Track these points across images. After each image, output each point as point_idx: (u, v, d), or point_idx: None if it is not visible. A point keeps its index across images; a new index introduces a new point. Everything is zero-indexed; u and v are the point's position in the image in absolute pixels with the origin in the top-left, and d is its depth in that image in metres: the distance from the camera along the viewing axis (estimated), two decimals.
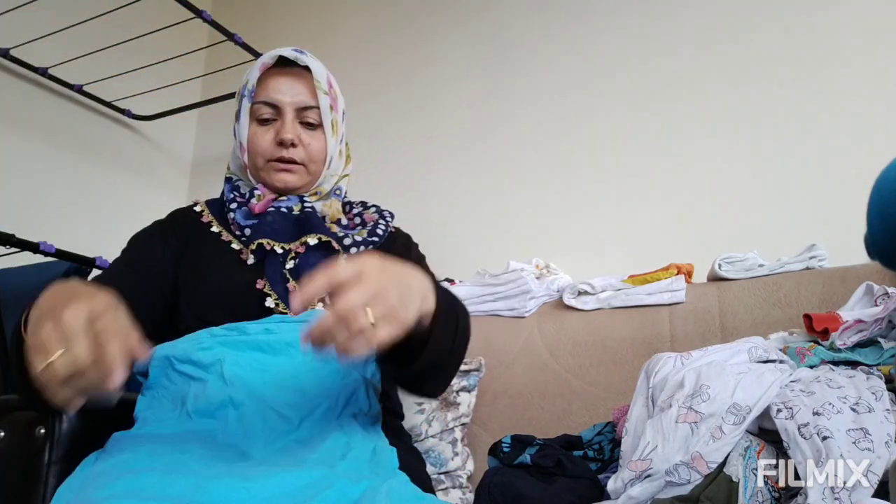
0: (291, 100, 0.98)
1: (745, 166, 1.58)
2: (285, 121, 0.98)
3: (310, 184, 1.01)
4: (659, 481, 0.75)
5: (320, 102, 0.99)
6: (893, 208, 0.40)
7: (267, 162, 0.98)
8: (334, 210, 1.03)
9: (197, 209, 1.03)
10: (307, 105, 0.98)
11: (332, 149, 1.01)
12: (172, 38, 1.91)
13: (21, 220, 1.71)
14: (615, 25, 1.83)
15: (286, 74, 0.99)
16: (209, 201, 1.05)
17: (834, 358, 0.94)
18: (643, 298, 1.38)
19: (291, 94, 0.98)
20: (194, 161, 2.45)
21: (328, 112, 0.99)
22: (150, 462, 0.65)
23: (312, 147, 0.99)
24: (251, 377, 0.75)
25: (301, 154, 0.98)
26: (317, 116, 0.99)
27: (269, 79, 0.99)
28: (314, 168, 1.00)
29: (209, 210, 1.02)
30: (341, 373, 0.80)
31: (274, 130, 0.98)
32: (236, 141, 1.02)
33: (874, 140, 1.44)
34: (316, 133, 1.00)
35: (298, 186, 1.00)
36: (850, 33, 1.54)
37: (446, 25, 2.10)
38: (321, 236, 0.94)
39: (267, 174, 0.99)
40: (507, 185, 1.87)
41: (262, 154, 0.98)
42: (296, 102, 0.98)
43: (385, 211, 1.08)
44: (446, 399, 1.36)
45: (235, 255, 0.93)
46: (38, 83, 1.94)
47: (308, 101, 0.98)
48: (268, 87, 0.98)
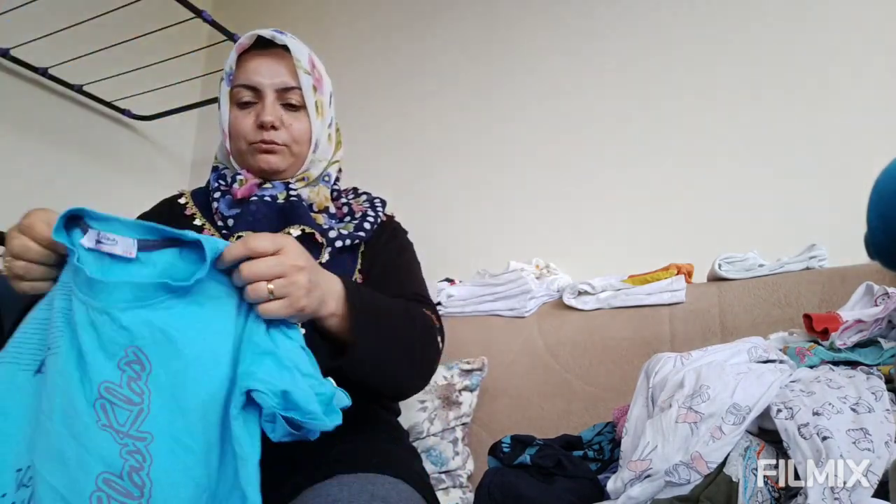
0: (271, 81, 0.95)
1: (745, 166, 1.58)
2: (265, 103, 0.94)
3: (294, 166, 0.98)
4: (659, 481, 0.75)
5: (301, 82, 0.96)
6: (893, 208, 0.40)
7: (249, 145, 0.96)
8: (322, 198, 1.00)
9: (181, 201, 1.01)
10: (288, 86, 0.95)
11: (317, 131, 0.98)
12: (172, 38, 1.90)
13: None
14: (615, 25, 1.83)
15: (265, 56, 0.96)
16: (195, 191, 1.04)
17: (834, 358, 0.94)
18: (643, 298, 1.38)
19: (270, 76, 0.95)
20: (194, 161, 2.45)
21: (311, 93, 0.96)
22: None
23: (295, 128, 0.96)
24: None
25: (283, 136, 0.95)
26: (299, 97, 0.96)
27: (247, 61, 0.96)
28: (298, 149, 0.97)
29: (193, 201, 1.01)
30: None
31: (254, 114, 0.95)
32: (220, 129, 1.00)
33: (874, 140, 1.44)
34: (298, 114, 0.97)
35: (283, 168, 0.97)
36: (851, 34, 1.54)
37: (445, 25, 2.10)
38: (305, 227, 0.92)
39: (251, 157, 0.96)
40: (508, 185, 1.87)
41: (243, 138, 0.96)
42: (275, 84, 0.95)
43: (376, 199, 1.05)
44: (448, 398, 1.36)
45: None
46: (38, 83, 1.94)
47: (288, 82, 0.95)
48: (247, 69, 0.96)
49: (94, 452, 0.55)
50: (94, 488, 0.53)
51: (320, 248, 0.92)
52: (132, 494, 0.54)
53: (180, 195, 1.03)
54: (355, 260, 0.97)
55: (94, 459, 0.54)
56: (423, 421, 1.32)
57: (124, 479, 0.54)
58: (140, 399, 0.57)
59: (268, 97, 0.95)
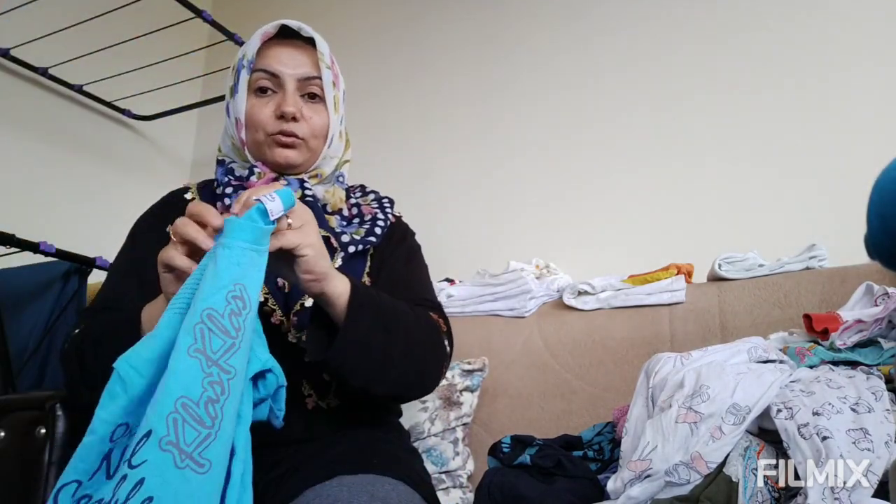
0: (293, 71, 0.93)
1: (745, 166, 1.58)
2: (287, 92, 0.93)
3: (310, 161, 0.97)
4: (659, 481, 0.75)
5: (323, 75, 0.94)
6: (893, 208, 0.40)
7: (267, 136, 0.93)
8: (337, 199, 0.99)
9: (188, 196, 1.00)
10: (310, 76, 0.94)
11: (333, 126, 0.97)
12: (172, 38, 1.91)
13: (21, 220, 1.71)
14: (615, 25, 1.83)
15: (288, 45, 0.95)
16: (201, 185, 1.02)
17: (834, 358, 0.94)
18: (643, 298, 1.38)
19: (293, 65, 0.93)
20: (194, 161, 2.45)
21: (331, 87, 0.95)
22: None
23: (314, 121, 0.94)
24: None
25: (303, 129, 0.94)
26: (319, 88, 0.95)
27: (269, 49, 0.95)
28: (315, 144, 0.96)
29: (200, 195, 0.99)
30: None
31: (274, 103, 0.93)
32: (230, 119, 0.97)
33: (874, 140, 1.44)
34: (318, 107, 0.95)
35: (299, 163, 0.95)
36: (852, 34, 1.54)
37: (445, 25, 2.10)
38: (320, 231, 0.92)
39: (269, 149, 0.94)
40: (508, 185, 1.87)
41: (262, 127, 0.93)
42: (298, 73, 0.93)
43: (384, 199, 1.05)
44: (449, 398, 1.36)
45: None
46: (38, 83, 1.94)
47: (311, 72, 0.94)
48: (268, 56, 0.94)
49: (179, 375, 0.57)
50: (171, 409, 0.55)
51: (334, 253, 0.91)
52: (204, 423, 0.56)
53: (186, 189, 1.02)
54: (364, 263, 0.96)
55: (177, 383, 0.56)
56: (423, 421, 1.32)
57: (200, 407, 0.56)
58: (236, 334, 0.60)
59: (289, 86, 0.93)
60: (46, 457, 0.78)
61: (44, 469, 0.78)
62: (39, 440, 0.79)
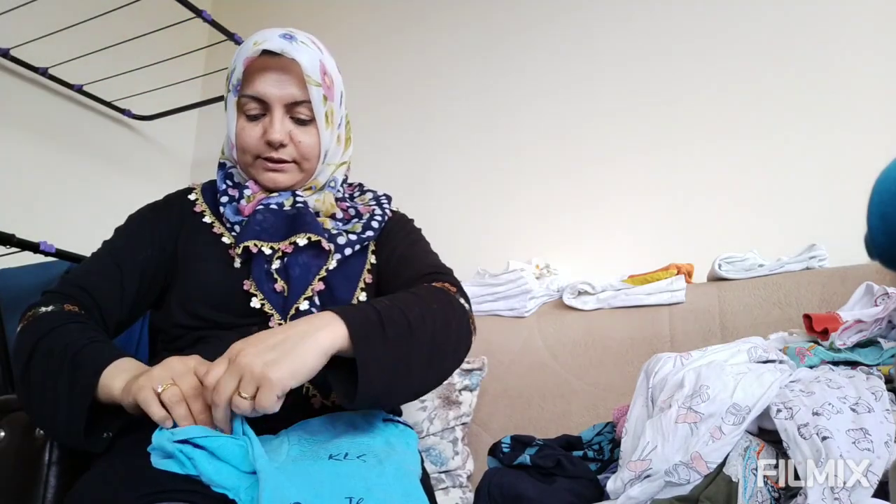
0: (280, 94, 0.91)
1: (745, 166, 1.58)
2: (274, 118, 0.91)
3: (303, 180, 0.97)
4: (658, 481, 0.75)
5: (312, 96, 0.92)
6: (893, 208, 0.40)
7: (255, 159, 0.94)
8: (327, 205, 0.98)
9: (191, 197, 1.00)
10: (297, 100, 0.92)
11: (326, 142, 0.96)
12: (172, 38, 1.90)
13: (21, 220, 1.71)
14: (616, 25, 1.83)
15: (273, 67, 0.91)
16: (205, 186, 1.03)
17: (834, 358, 0.94)
18: (643, 298, 1.38)
19: (280, 88, 0.91)
20: (194, 161, 2.45)
21: (321, 105, 0.93)
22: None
23: (304, 144, 0.93)
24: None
25: (292, 153, 0.93)
26: (308, 111, 0.93)
27: (255, 71, 0.92)
28: (307, 165, 0.96)
29: (203, 198, 1.00)
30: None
31: (262, 127, 0.92)
32: (227, 132, 0.98)
33: (874, 140, 1.44)
34: (308, 129, 0.94)
35: (290, 185, 0.96)
36: (851, 34, 1.54)
37: (445, 26, 2.10)
38: (311, 235, 0.90)
39: (256, 172, 0.95)
40: (507, 185, 1.87)
41: (250, 151, 0.93)
42: (284, 97, 0.91)
43: (382, 196, 1.05)
44: (448, 398, 1.36)
45: (225, 250, 0.92)
46: (38, 83, 1.94)
47: (297, 96, 0.91)
48: (254, 80, 0.91)
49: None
50: None
51: (328, 255, 0.91)
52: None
53: (190, 190, 1.02)
54: (364, 260, 0.96)
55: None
56: (422, 420, 1.32)
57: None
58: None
59: (276, 111, 0.92)
60: (46, 457, 0.78)
61: (44, 469, 0.78)
62: (39, 440, 0.79)
